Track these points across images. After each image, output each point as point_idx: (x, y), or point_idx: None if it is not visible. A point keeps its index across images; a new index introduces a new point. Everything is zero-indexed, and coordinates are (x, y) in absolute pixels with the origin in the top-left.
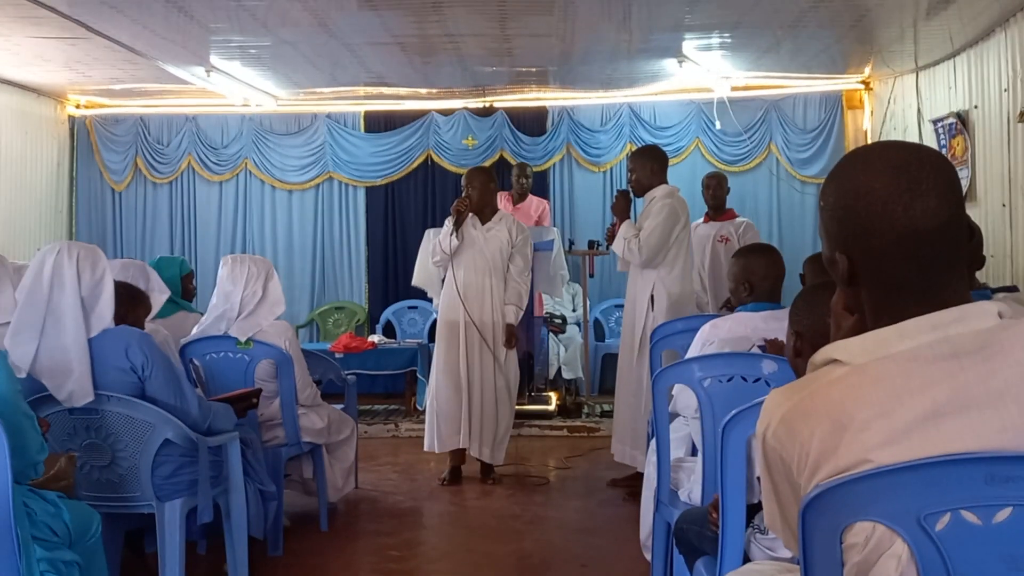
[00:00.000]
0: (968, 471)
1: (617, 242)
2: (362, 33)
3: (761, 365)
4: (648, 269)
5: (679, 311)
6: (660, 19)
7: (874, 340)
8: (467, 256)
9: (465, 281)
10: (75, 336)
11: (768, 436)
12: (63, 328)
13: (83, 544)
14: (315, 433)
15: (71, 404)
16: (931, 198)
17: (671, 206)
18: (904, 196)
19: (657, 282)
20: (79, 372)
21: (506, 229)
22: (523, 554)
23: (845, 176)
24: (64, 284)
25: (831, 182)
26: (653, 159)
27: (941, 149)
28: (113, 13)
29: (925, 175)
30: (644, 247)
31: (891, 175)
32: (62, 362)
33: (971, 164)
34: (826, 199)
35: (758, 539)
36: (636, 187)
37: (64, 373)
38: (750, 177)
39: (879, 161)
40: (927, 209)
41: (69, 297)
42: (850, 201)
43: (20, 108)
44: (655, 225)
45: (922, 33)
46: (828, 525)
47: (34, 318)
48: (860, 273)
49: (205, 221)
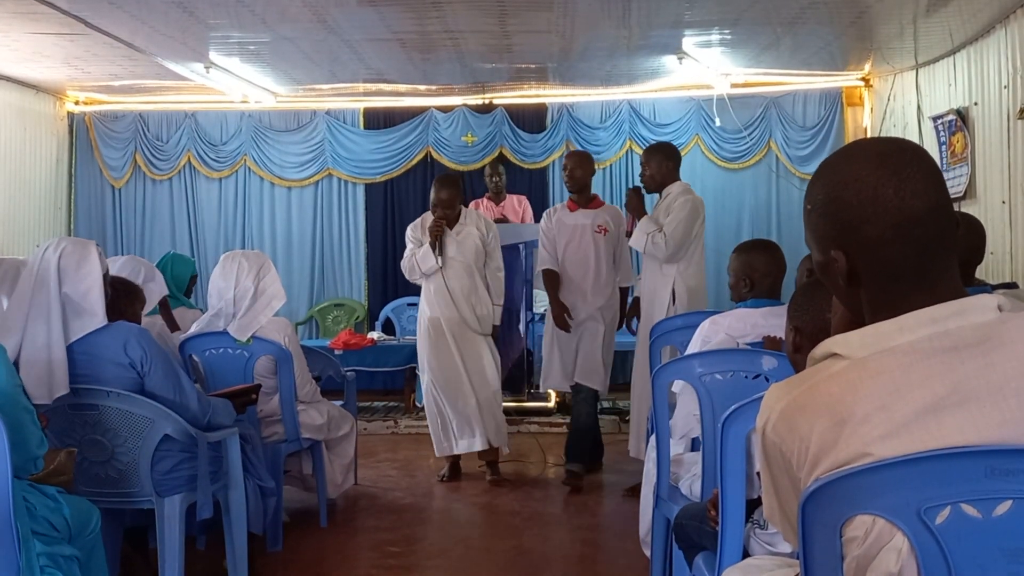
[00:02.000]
0: (968, 464)
1: (637, 237)
2: (361, 29)
3: (761, 361)
4: (668, 264)
5: (698, 306)
6: (660, 15)
7: (873, 334)
8: (447, 261)
9: (450, 284)
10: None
11: (768, 430)
12: (46, 325)
13: (83, 539)
14: (314, 429)
15: (44, 401)
16: (918, 181)
17: (693, 201)
18: (892, 180)
19: (677, 277)
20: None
21: (474, 227)
22: (522, 550)
23: (830, 172)
24: (48, 280)
25: (816, 182)
26: (669, 156)
27: (941, 146)
28: (112, 9)
29: (908, 160)
30: (670, 241)
31: (876, 162)
32: (43, 360)
33: (971, 161)
34: (813, 200)
35: (758, 534)
36: (650, 183)
37: (43, 370)
38: (750, 174)
39: (861, 153)
40: (916, 191)
41: (52, 293)
42: (839, 193)
43: (19, 104)
44: (680, 219)
45: (922, 30)
46: (828, 519)
47: (19, 313)
48: (858, 267)
49: (204, 218)
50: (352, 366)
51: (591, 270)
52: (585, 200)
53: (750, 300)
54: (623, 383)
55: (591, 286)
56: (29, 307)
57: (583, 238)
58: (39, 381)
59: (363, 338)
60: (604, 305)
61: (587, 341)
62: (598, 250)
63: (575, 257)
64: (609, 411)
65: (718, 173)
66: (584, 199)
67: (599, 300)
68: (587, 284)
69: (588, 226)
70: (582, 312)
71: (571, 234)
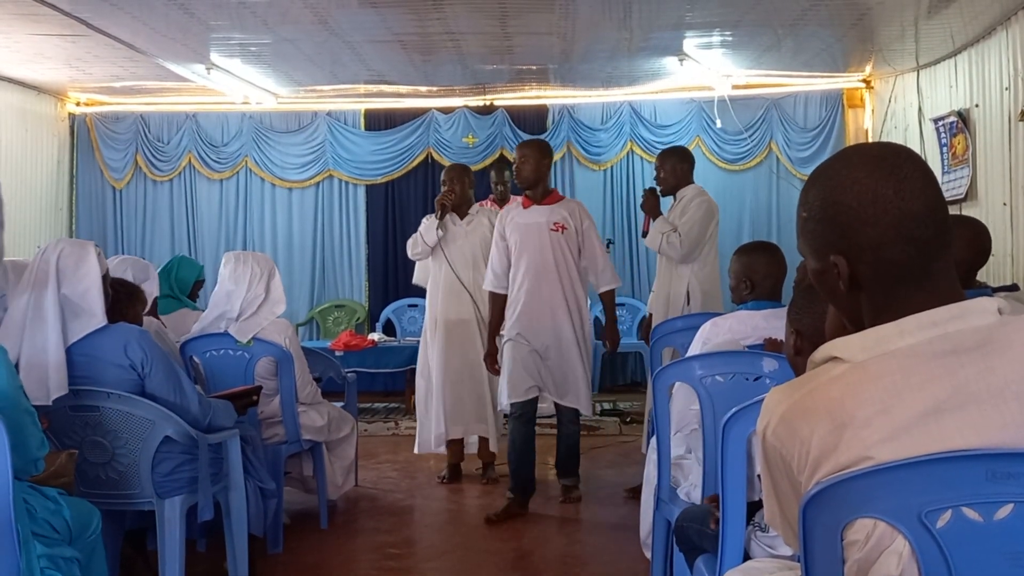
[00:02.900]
0: (969, 468)
1: (653, 237)
2: (363, 31)
3: (762, 363)
4: (683, 265)
5: (713, 307)
6: (661, 17)
7: (874, 337)
8: (451, 251)
9: (461, 275)
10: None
11: (768, 434)
12: (44, 328)
13: (83, 541)
14: (315, 431)
15: (43, 402)
16: (916, 180)
17: (707, 203)
18: (891, 180)
19: (691, 278)
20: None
21: (485, 218)
22: (522, 552)
23: (825, 178)
24: (47, 281)
25: (811, 189)
26: (684, 160)
27: (942, 148)
28: (113, 10)
29: (903, 162)
30: (686, 240)
31: (873, 165)
32: (41, 362)
33: (972, 163)
34: (809, 206)
35: (758, 537)
36: (664, 185)
37: (42, 372)
38: (751, 176)
39: (857, 157)
40: (915, 190)
41: (50, 295)
42: (838, 197)
43: (20, 106)
44: (695, 220)
45: (923, 31)
46: (829, 522)
47: (19, 315)
48: (859, 271)
49: (205, 219)
50: (353, 367)
51: (551, 274)
52: (540, 195)
53: (751, 302)
54: (623, 384)
55: (553, 293)
56: (28, 308)
57: (540, 238)
58: (39, 383)
59: (364, 339)
60: (573, 313)
61: (558, 358)
62: (557, 251)
63: (533, 261)
64: (610, 412)
65: (719, 175)
66: (539, 194)
67: (564, 309)
68: (549, 291)
69: (543, 224)
70: (547, 325)
71: (524, 235)
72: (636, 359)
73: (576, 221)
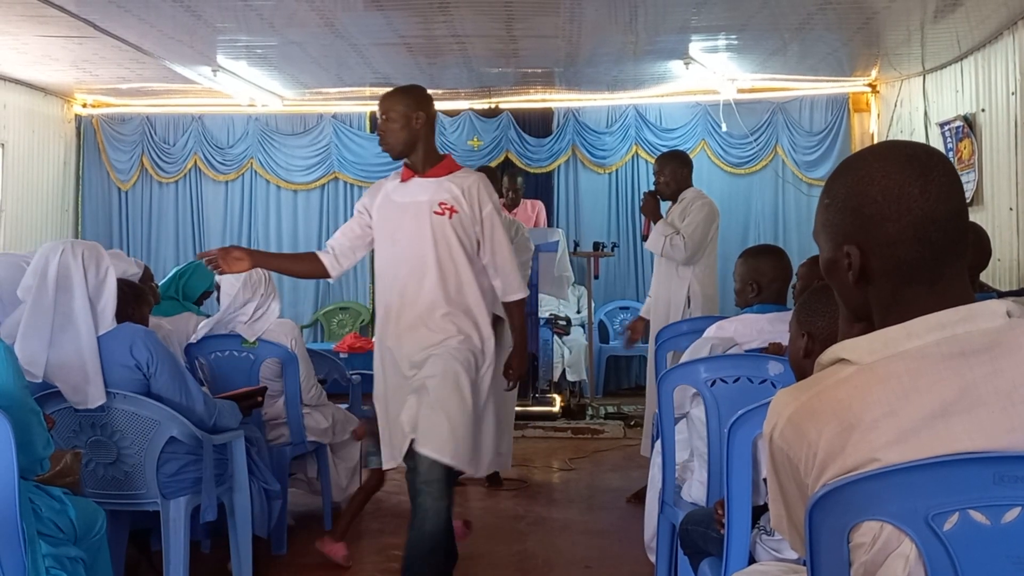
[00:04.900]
0: (977, 471)
1: (655, 240)
2: (368, 34)
3: (767, 366)
4: (684, 267)
5: (712, 310)
6: (666, 21)
7: (881, 339)
8: None
9: None
10: (88, 338)
11: (775, 436)
12: (75, 330)
13: (88, 541)
14: (320, 432)
15: (85, 406)
16: (944, 184)
17: (709, 205)
18: (919, 179)
19: (692, 280)
20: (93, 374)
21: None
22: (526, 555)
23: (856, 168)
24: (72, 285)
25: (839, 177)
26: (683, 163)
27: (948, 153)
28: (120, 12)
29: (934, 164)
30: (689, 242)
31: (904, 162)
32: (76, 365)
33: (978, 168)
34: (833, 194)
35: (764, 540)
36: (664, 190)
37: (79, 375)
38: (756, 179)
39: (889, 152)
40: (941, 194)
41: (78, 299)
42: (864, 188)
43: (27, 107)
44: (698, 222)
45: (929, 36)
46: (835, 525)
47: (42, 321)
48: (871, 265)
49: (211, 221)
50: (357, 369)
51: (427, 275)
52: (422, 162)
53: (756, 305)
54: (627, 388)
55: (428, 303)
56: (54, 314)
57: (418, 223)
58: (75, 388)
59: (368, 341)
60: (457, 332)
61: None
62: (438, 242)
63: (404, 254)
64: (614, 416)
65: (724, 178)
66: (423, 161)
67: (444, 324)
68: (421, 300)
69: (423, 205)
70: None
71: (396, 219)
72: (640, 362)
73: (472, 203)
